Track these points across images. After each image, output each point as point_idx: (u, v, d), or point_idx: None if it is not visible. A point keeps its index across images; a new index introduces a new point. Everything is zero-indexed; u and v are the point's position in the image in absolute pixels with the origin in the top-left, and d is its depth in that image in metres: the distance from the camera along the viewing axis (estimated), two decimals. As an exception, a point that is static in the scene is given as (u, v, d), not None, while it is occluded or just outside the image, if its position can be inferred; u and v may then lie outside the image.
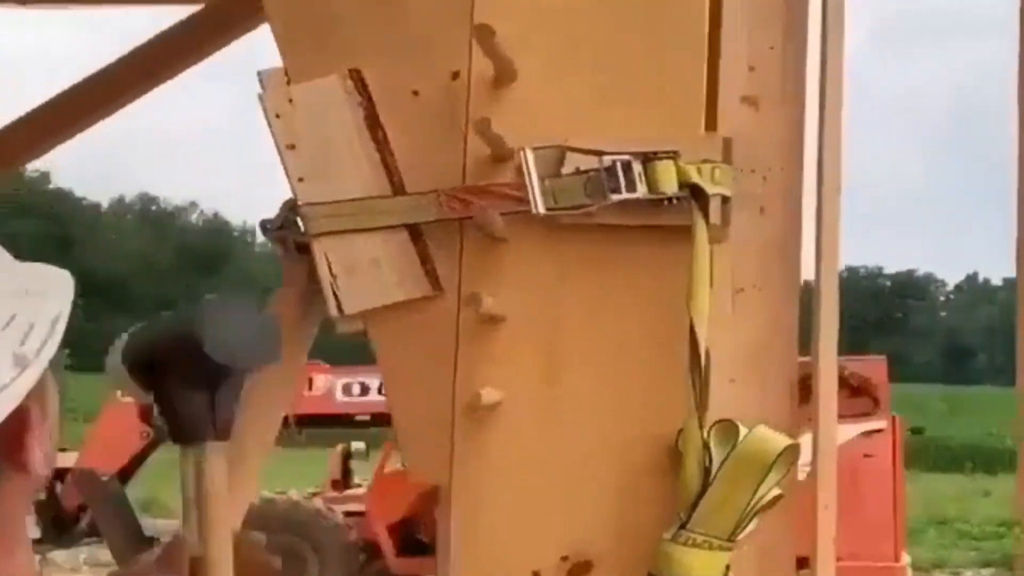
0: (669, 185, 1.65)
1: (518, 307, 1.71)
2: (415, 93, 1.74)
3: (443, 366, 1.72)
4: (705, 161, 1.67)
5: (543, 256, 1.71)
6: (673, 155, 1.65)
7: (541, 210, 1.59)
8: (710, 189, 1.66)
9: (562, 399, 1.70)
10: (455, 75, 1.74)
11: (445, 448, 1.72)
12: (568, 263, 1.71)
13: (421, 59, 1.73)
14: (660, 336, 1.68)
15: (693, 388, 1.62)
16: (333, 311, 1.72)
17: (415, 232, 1.72)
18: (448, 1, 1.74)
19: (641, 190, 1.63)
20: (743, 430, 1.62)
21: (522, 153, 1.58)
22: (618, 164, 1.63)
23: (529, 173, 1.58)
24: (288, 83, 1.75)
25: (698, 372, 1.62)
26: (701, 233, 1.64)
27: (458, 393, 1.71)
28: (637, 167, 1.63)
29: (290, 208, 1.75)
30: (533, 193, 1.58)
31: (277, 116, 1.74)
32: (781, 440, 1.60)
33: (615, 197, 1.62)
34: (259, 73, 1.77)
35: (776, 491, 1.62)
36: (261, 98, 1.74)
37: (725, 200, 1.69)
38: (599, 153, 1.63)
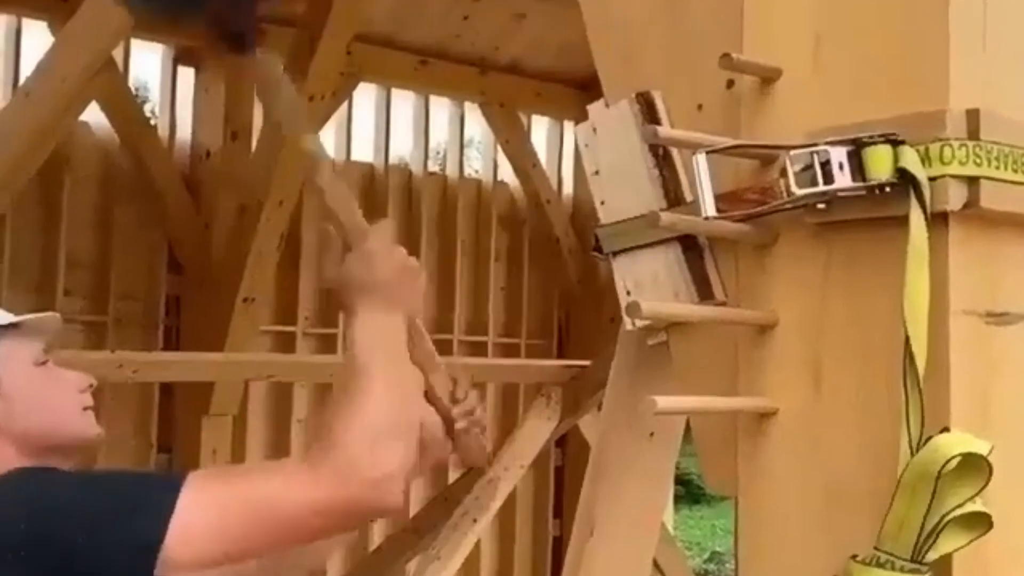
0: (881, 172, 1.51)
1: (787, 312, 1.66)
2: (699, 107, 1.76)
3: (729, 377, 1.71)
4: (936, 140, 1.50)
5: (809, 258, 1.64)
6: (889, 138, 1.51)
7: (708, 213, 1.55)
8: (930, 171, 1.49)
9: (826, 407, 1.61)
10: (730, 83, 1.73)
11: (734, 460, 1.71)
12: (831, 263, 1.62)
13: (705, 74, 1.74)
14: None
15: (906, 403, 1.46)
16: (628, 325, 1.79)
17: (687, 243, 1.73)
18: (722, 14, 1.74)
19: (842, 181, 1.51)
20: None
21: (694, 159, 1.55)
22: (814, 156, 1.53)
23: (700, 178, 1.54)
24: (605, 113, 1.87)
25: (916, 388, 1.45)
26: (916, 225, 1.48)
27: (740, 404, 1.69)
28: (838, 156, 1.52)
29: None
30: (703, 197, 1.55)
31: (586, 146, 1.86)
32: (956, 445, 1.39)
33: (800, 192, 1.52)
34: (588, 107, 1.90)
35: (973, 507, 1.40)
36: (575, 131, 1.88)
37: (972, 181, 1.50)
38: (778, 148, 1.54)
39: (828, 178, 1.52)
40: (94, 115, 6.49)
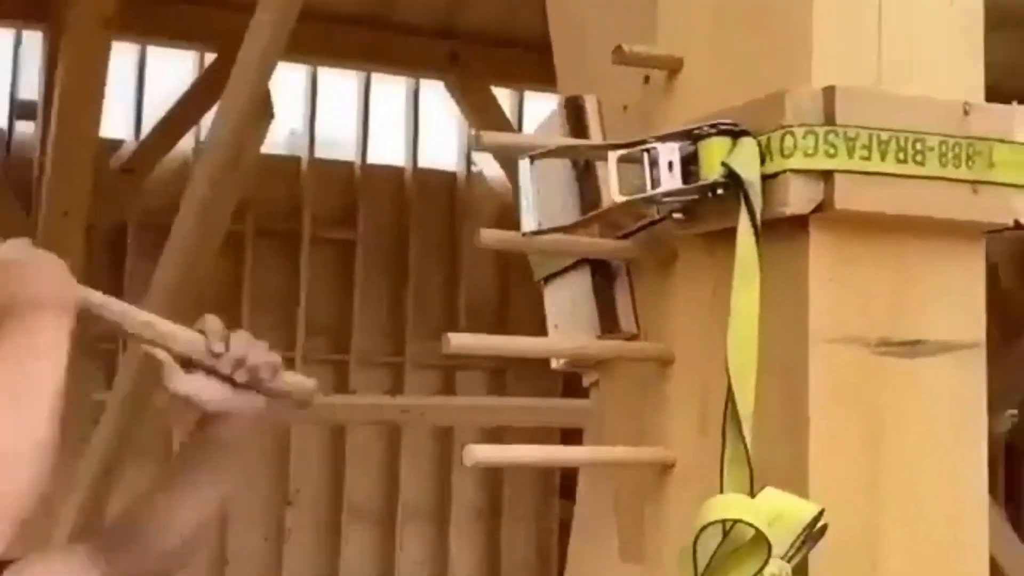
0: (713, 170, 1.24)
1: (682, 345, 1.39)
2: (624, 108, 1.52)
3: (636, 420, 1.46)
4: (778, 127, 1.21)
5: (701, 279, 1.37)
6: (726, 128, 1.24)
7: (526, 228, 1.31)
8: (770, 166, 1.21)
9: (710, 455, 1.33)
10: (646, 79, 1.49)
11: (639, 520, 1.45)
12: (719, 284, 1.34)
13: (628, 72, 1.51)
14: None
15: (722, 456, 1.19)
16: (553, 363, 1.57)
17: (597, 267, 1.50)
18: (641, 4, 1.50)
19: (669, 183, 1.25)
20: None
21: (520, 166, 1.33)
22: (645, 156, 1.27)
23: (523, 188, 1.32)
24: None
25: (738, 438, 1.18)
26: (744, 236, 1.21)
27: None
28: (669, 154, 1.26)
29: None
30: (525, 210, 1.32)
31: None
32: (722, 509, 1.10)
33: (620, 199, 1.27)
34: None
35: (753, 592, 1.10)
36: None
37: (827, 177, 1.20)
38: (603, 147, 1.29)
39: (657, 181, 1.26)
40: (488, 165, 6.64)
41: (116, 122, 6.10)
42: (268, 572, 6.49)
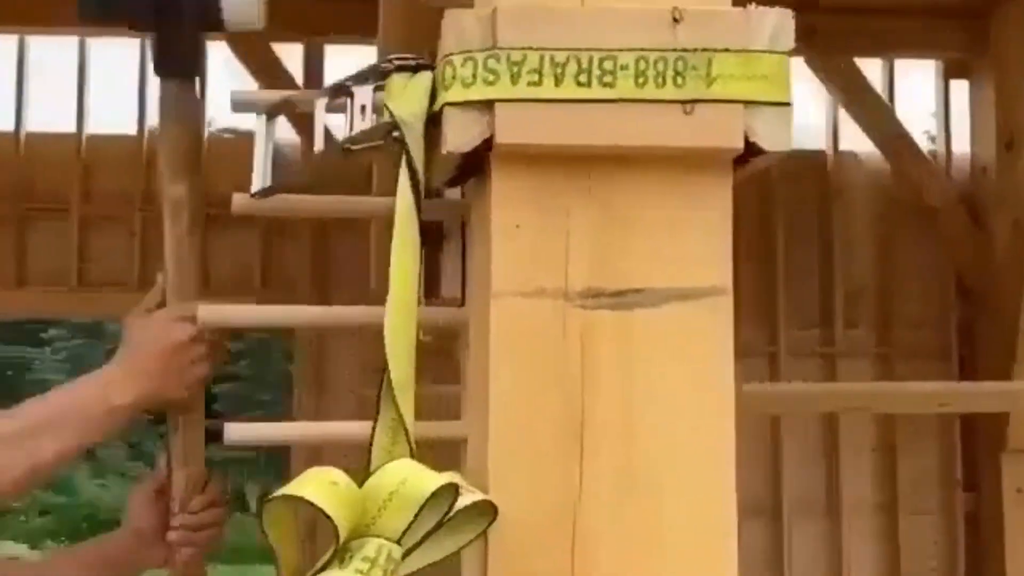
0: (390, 111, 1.12)
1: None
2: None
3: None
4: (443, 58, 1.09)
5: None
6: (404, 64, 1.12)
7: (256, 187, 1.21)
8: (435, 105, 1.09)
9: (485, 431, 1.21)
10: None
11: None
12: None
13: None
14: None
15: (373, 428, 1.08)
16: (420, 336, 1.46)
17: (425, 229, 1.38)
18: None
19: (360, 126, 1.14)
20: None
21: (256, 123, 1.23)
22: (348, 101, 1.17)
23: (256, 146, 1.22)
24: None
25: (391, 406, 1.07)
26: (401, 187, 1.09)
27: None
28: (363, 98, 1.15)
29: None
30: (257, 169, 1.22)
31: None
32: (298, 484, 0.99)
33: (319, 148, 1.16)
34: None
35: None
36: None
37: (487, 106, 1.06)
38: (315, 94, 1.18)
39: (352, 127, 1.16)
40: (862, 145, 6.30)
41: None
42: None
